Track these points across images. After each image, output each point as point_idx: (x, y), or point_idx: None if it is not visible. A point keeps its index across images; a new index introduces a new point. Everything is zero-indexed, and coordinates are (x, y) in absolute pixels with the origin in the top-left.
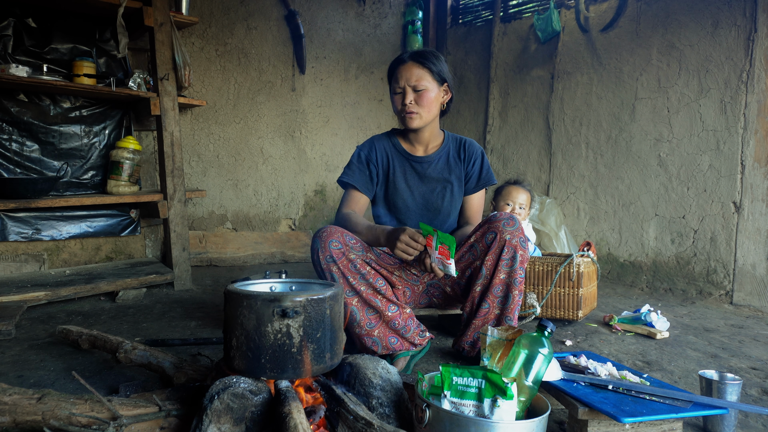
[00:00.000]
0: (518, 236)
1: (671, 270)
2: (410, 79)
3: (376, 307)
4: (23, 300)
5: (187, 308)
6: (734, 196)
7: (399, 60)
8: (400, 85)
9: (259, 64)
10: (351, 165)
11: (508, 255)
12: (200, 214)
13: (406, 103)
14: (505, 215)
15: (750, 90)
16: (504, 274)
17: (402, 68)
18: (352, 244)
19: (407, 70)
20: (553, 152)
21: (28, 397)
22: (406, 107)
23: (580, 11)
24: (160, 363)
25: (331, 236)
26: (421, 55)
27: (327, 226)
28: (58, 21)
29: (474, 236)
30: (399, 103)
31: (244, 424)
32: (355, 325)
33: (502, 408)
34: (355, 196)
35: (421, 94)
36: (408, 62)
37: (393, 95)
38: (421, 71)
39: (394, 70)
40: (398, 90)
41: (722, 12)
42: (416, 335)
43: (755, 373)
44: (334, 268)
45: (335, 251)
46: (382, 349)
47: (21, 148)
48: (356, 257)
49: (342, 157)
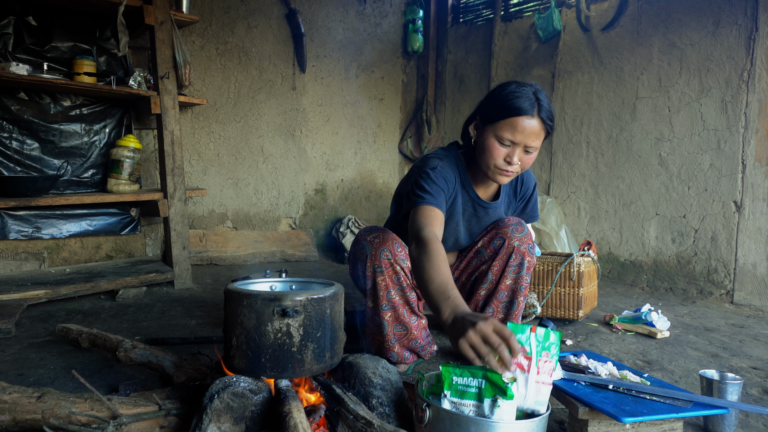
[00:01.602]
0: (527, 242)
1: (672, 269)
2: (529, 138)
3: (404, 323)
4: (23, 298)
5: (187, 307)
6: (735, 196)
7: (524, 110)
8: (516, 140)
9: (260, 62)
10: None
11: (516, 262)
12: (200, 213)
13: (512, 162)
14: (513, 220)
15: (751, 89)
16: (510, 280)
17: (527, 122)
18: (399, 254)
19: (530, 127)
20: (554, 151)
21: (28, 395)
22: (510, 167)
23: (581, 10)
24: (160, 362)
25: (384, 244)
26: (547, 114)
27: (378, 229)
28: (59, 19)
29: (482, 241)
30: (501, 158)
31: (244, 423)
32: (381, 336)
33: (502, 408)
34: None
35: (529, 156)
36: (535, 118)
37: (497, 142)
38: (541, 131)
39: (515, 118)
40: (507, 142)
41: (723, 11)
42: (427, 353)
43: (756, 372)
44: (380, 279)
45: (384, 261)
46: (396, 361)
47: (21, 146)
48: (401, 269)
49: (342, 155)
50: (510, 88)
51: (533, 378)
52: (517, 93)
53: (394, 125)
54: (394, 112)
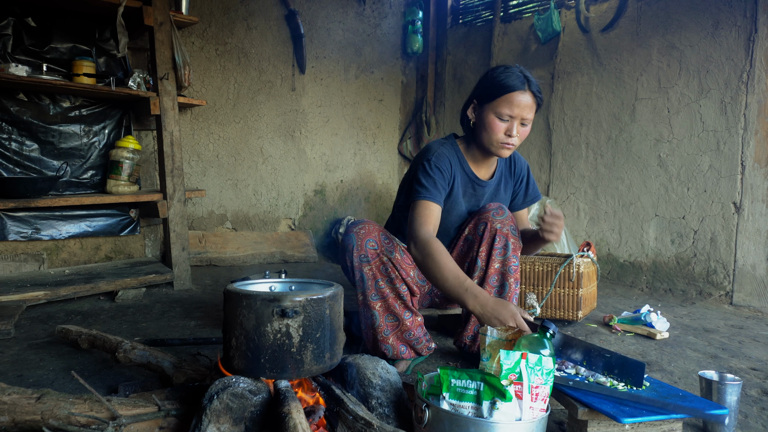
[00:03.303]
0: (508, 224)
1: (671, 270)
2: (525, 110)
3: (396, 314)
4: (22, 299)
5: (187, 308)
6: (734, 197)
7: (516, 86)
8: (514, 113)
9: (259, 63)
10: (433, 182)
11: (501, 244)
12: (200, 214)
13: (512, 134)
14: (494, 205)
15: (750, 90)
16: (498, 263)
17: (521, 97)
18: (386, 245)
19: (525, 100)
20: (553, 152)
21: (27, 396)
22: (510, 139)
23: (580, 11)
24: (159, 363)
25: (369, 235)
26: (536, 87)
27: (363, 221)
28: (58, 20)
29: (468, 228)
30: (501, 132)
31: (243, 424)
32: (373, 329)
33: (501, 410)
34: (436, 210)
35: (525, 129)
36: (527, 92)
37: (495, 118)
38: (533, 104)
39: (510, 94)
40: (506, 117)
41: (722, 12)
42: (424, 347)
43: (755, 373)
44: (366, 269)
45: (371, 251)
46: (392, 355)
47: (20, 147)
48: (388, 260)
49: (342, 156)
50: (500, 70)
51: (527, 404)
52: (507, 73)
53: (393, 126)
54: (393, 113)
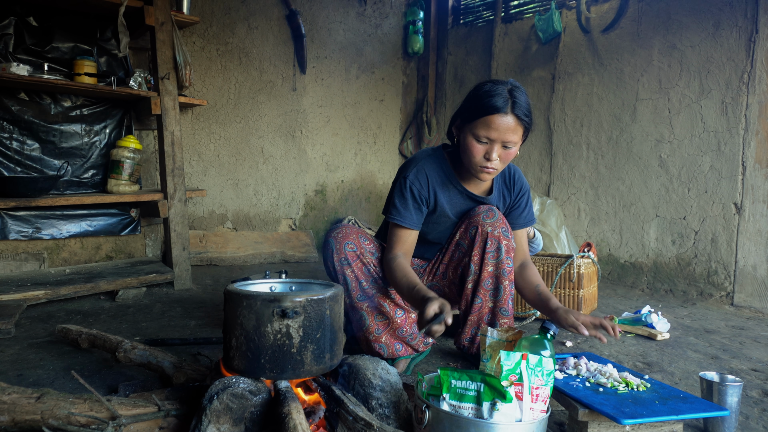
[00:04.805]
0: (500, 227)
1: (672, 271)
2: (506, 134)
3: (385, 313)
4: (23, 299)
5: (187, 308)
6: (735, 198)
7: (497, 108)
8: (491, 136)
9: (260, 63)
10: (405, 203)
11: (493, 247)
12: (200, 214)
13: (491, 158)
14: (483, 208)
15: (751, 91)
16: (491, 266)
17: (500, 120)
18: (366, 246)
19: (505, 124)
20: (554, 153)
21: (27, 396)
22: (489, 163)
23: (581, 12)
24: (159, 363)
25: (346, 238)
26: (522, 110)
27: (341, 225)
28: (59, 20)
29: (458, 233)
30: (480, 155)
31: (243, 424)
32: (364, 330)
33: (501, 411)
34: (405, 234)
35: (508, 152)
36: (509, 115)
37: (474, 140)
38: (518, 127)
39: (488, 117)
40: (484, 139)
41: (723, 13)
42: (420, 343)
43: (756, 374)
44: (348, 271)
45: (350, 253)
46: (388, 354)
47: (21, 146)
48: (370, 261)
49: (343, 156)
50: (485, 88)
51: (527, 405)
52: (491, 92)
53: (394, 126)
54: (394, 114)
